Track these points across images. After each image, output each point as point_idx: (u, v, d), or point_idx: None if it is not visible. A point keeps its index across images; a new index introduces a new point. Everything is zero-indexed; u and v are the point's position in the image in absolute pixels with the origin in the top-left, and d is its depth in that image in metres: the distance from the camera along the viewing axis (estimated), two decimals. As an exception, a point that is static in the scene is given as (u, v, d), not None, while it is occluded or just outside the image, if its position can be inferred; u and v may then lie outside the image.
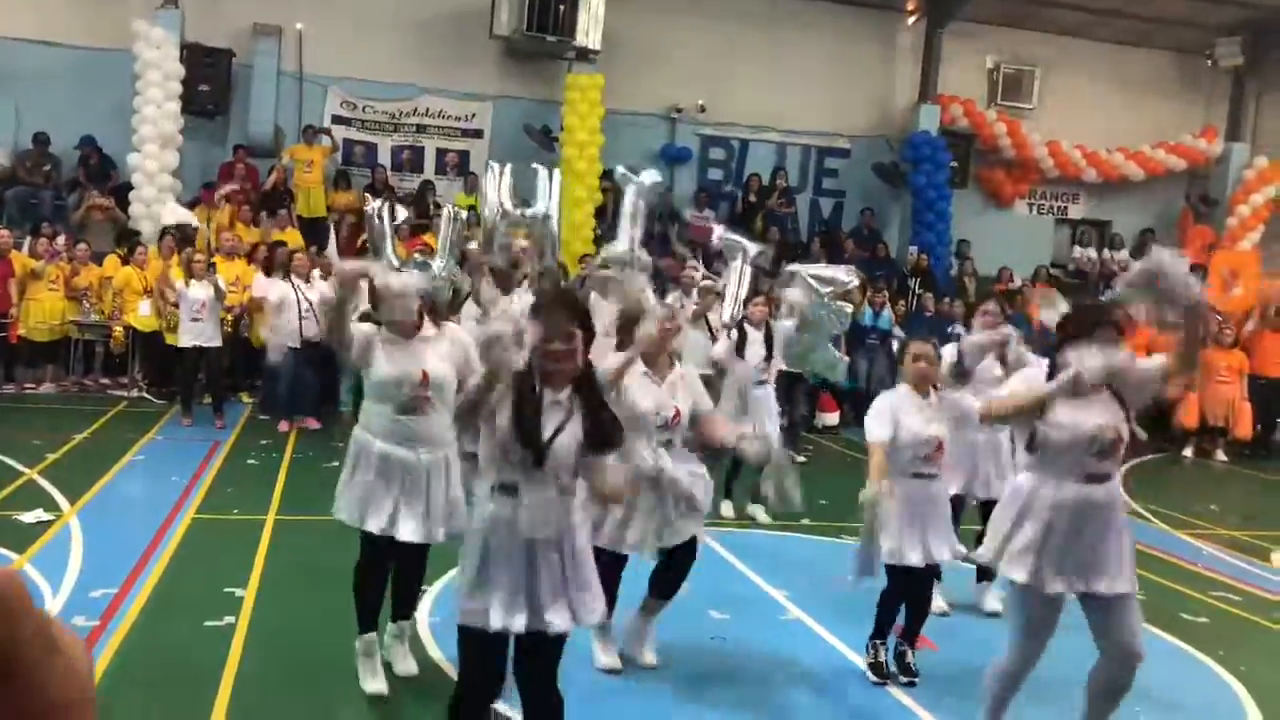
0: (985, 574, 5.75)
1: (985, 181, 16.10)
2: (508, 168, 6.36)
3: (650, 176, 7.28)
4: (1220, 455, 12.12)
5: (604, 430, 3.07)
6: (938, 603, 5.63)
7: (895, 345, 10.26)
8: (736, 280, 7.02)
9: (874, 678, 4.72)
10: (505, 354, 2.83)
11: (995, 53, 15.93)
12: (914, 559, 4.54)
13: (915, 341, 4.84)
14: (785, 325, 6.85)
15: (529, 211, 6.31)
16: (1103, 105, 15.98)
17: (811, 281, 7.71)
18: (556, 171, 6.46)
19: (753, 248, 7.20)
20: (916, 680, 4.72)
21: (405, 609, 4.45)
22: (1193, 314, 3.43)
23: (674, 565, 4.62)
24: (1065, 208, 16.73)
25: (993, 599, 5.69)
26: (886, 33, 15.53)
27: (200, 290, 9.35)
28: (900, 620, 4.79)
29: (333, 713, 4.12)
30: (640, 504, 4.36)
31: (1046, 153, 15.83)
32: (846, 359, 8.87)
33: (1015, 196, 16.28)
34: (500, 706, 3.50)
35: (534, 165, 6.51)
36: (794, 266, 8.03)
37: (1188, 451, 12.17)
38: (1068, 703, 3.89)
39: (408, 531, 4.07)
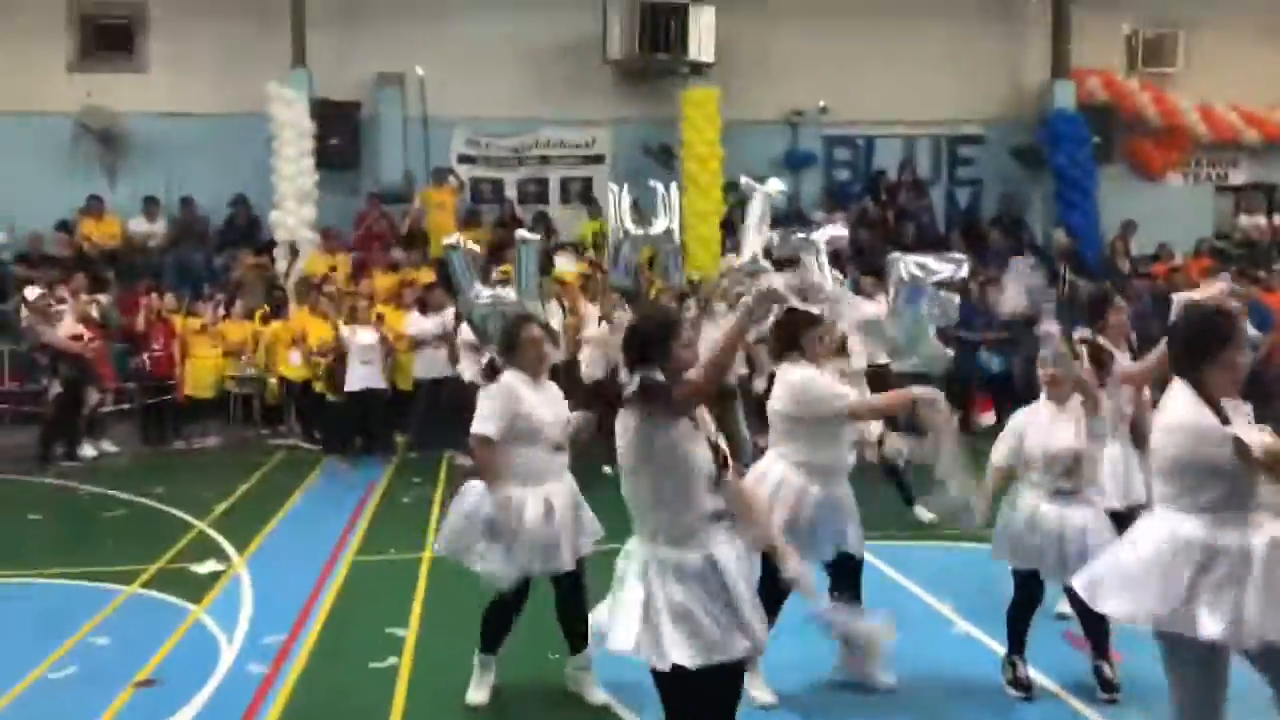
0: None
1: (1133, 154, 15.16)
2: (625, 188, 6.27)
3: (775, 185, 7.04)
4: None
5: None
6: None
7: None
8: (817, 274, 6.67)
9: (1017, 694, 4.43)
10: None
11: (1131, 18, 15.05)
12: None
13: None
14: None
15: (651, 231, 6.21)
16: (1256, 60, 14.86)
17: (915, 270, 7.29)
18: (674, 187, 6.32)
19: (820, 236, 6.79)
20: (1117, 696, 4.35)
21: (579, 640, 4.42)
22: None
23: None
24: (1225, 174, 15.61)
25: None
26: (1012, 9, 14.86)
27: (367, 335, 9.78)
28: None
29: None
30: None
31: (1198, 117, 14.83)
32: (951, 352, 8.42)
33: (1167, 167, 15.29)
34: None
35: (652, 183, 6.40)
36: (895, 255, 7.63)
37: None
38: None
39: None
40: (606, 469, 8.64)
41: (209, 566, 6.43)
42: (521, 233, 5.56)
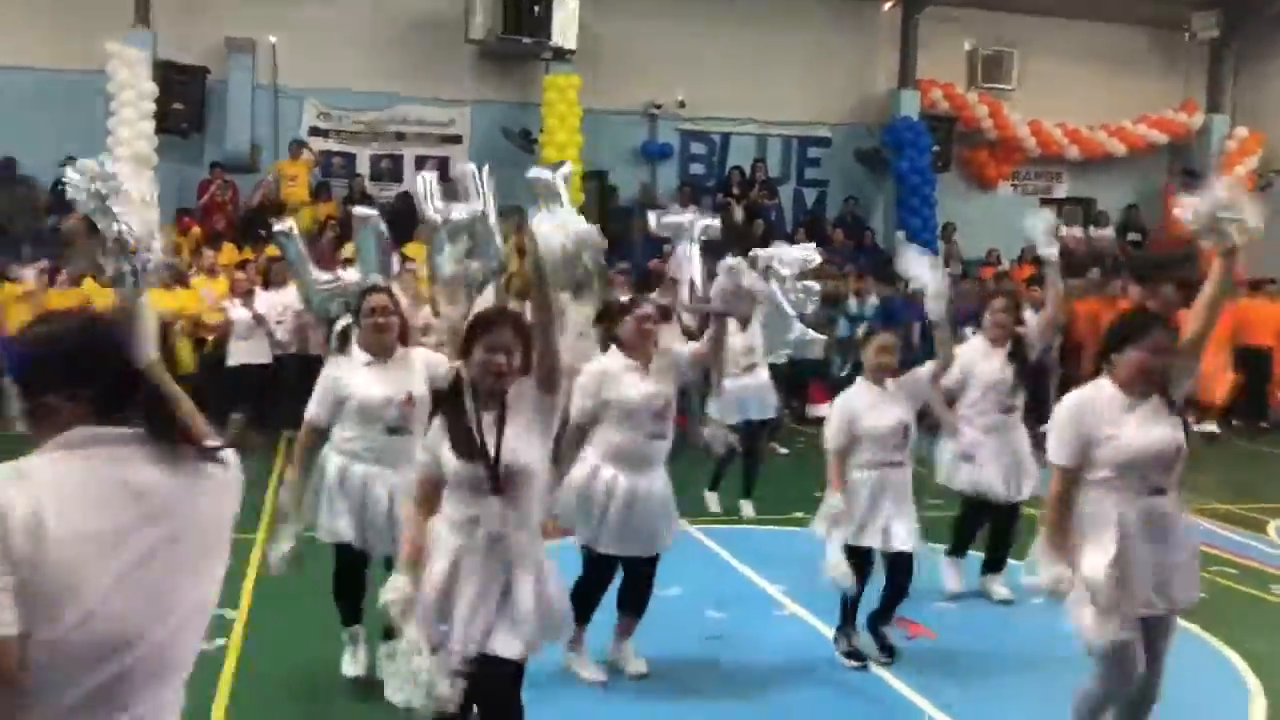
0: (993, 564, 5.71)
1: (968, 164, 16.05)
2: (434, 174, 6.26)
3: (566, 168, 7.08)
4: (1211, 427, 12.06)
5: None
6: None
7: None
8: (688, 261, 6.93)
9: (852, 664, 4.71)
10: None
11: (973, 36, 15.88)
12: (870, 542, 4.60)
13: (880, 334, 4.87)
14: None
15: (461, 215, 6.15)
16: (1082, 83, 15.93)
17: (772, 263, 7.65)
18: (485, 170, 6.31)
19: (698, 223, 7.04)
20: (893, 659, 4.75)
21: None
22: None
23: (637, 579, 4.54)
24: (1049, 187, 16.71)
25: (1000, 588, 5.66)
26: (863, 19, 15.48)
27: (244, 311, 9.70)
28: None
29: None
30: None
31: (1029, 132, 15.80)
32: (824, 337, 8.74)
33: (999, 178, 16.24)
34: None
35: (461, 166, 6.36)
36: (752, 252, 7.95)
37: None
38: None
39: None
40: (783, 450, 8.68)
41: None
42: (360, 211, 5.44)
